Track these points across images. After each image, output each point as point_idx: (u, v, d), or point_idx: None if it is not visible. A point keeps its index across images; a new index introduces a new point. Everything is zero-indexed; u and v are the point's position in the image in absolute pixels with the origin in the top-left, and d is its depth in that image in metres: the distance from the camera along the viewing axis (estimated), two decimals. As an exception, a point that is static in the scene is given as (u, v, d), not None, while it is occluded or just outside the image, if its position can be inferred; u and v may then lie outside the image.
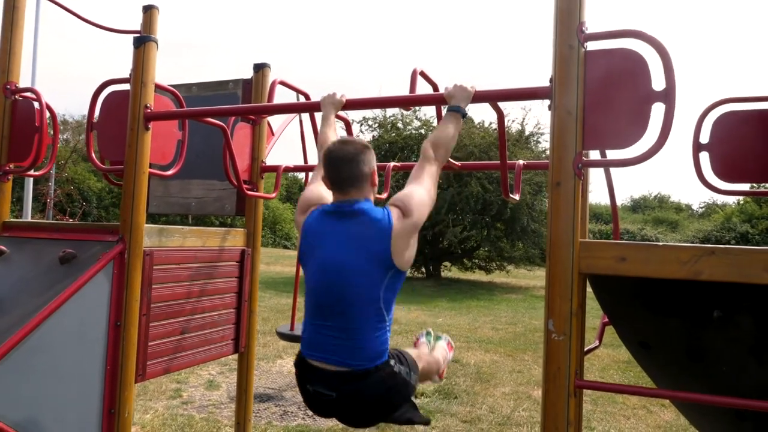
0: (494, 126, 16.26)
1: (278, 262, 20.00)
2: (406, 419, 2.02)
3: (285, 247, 31.52)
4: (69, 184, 20.31)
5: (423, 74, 2.41)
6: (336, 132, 2.34)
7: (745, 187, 2.98)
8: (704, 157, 2.63)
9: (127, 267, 2.55)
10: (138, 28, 3.98)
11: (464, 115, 2.10)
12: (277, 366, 6.21)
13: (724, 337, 2.13)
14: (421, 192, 1.97)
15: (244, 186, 3.16)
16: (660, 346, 2.38)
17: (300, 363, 2.02)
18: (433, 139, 2.08)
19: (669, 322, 2.21)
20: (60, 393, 2.35)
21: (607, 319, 2.74)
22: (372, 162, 2.02)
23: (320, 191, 2.13)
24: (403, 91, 2.33)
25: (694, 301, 2.06)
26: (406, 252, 1.91)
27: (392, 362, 1.96)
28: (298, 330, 5.05)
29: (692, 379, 2.36)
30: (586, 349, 2.05)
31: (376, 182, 2.06)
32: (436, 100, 2.21)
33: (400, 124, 17.12)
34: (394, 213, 1.92)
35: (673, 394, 2.20)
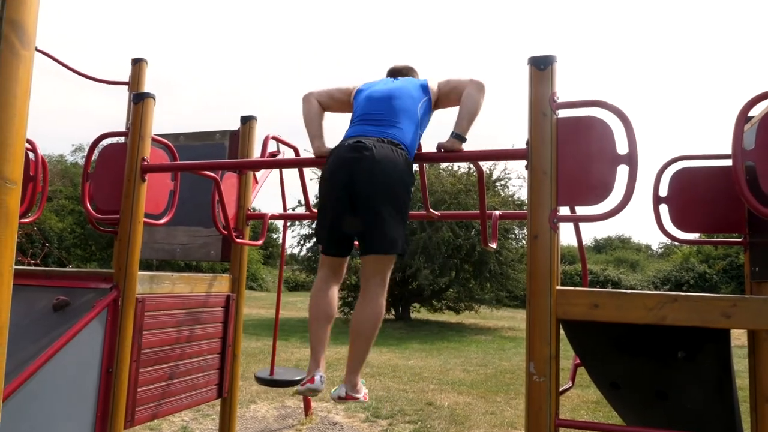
0: (462, 170, 16.67)
1: (246, 304, 19.70)
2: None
3: (251, 288, 31.11)
4: (30, 225, 19.85)
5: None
6: None
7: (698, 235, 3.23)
8: (663, 208, 2.87)
9: (120, 314, 2.62)
10: (126, 79, 4.13)
11: (464, 139, 2.42)
12: (251, 411, 6.15)
13: (688, 377, 2.31)
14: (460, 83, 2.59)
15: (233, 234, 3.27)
16: (630, 386, 2.54)
17: (341, 145, 2.53)
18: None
19: (637, 363, 2.39)
20: (51, 441, 2.37)
21: (578, 361, 2.89)
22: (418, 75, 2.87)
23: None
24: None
25: (660, 343, 2.24)
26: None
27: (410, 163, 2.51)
28: (278, 375, 5.06)
29: (660, 416, 2.52)
30: (560, 389, 2.20)
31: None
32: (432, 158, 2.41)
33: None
34: (431, 87, 2.63)
35: (646, 431, 2.36)
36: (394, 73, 2.86)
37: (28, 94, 1.09)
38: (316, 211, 3.72)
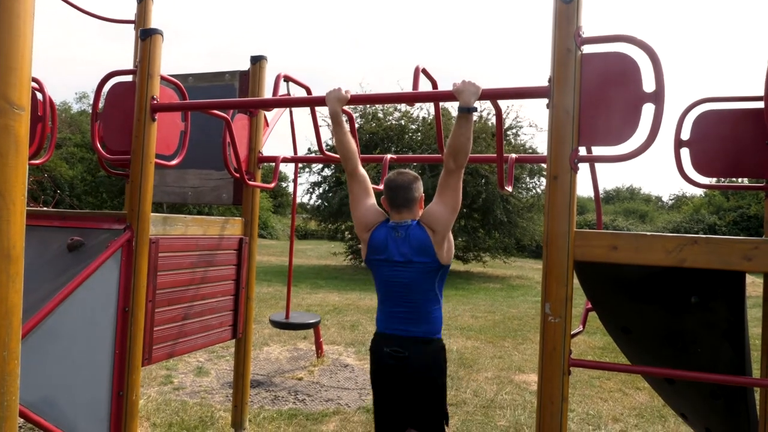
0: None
1: (257, 252, 19.91)
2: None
3: (261, 236, 31.37)
4: (41, 172, 19.87)
5: (424, 71, 2.51)
6: (348, 133, 2.57)
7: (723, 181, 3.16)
8: (684, 152, 2.79)
9: (134, 254, 2.62)
10: (131, 17, 4.01)
11: (475, 110, 2.23)
12: (264, 353, 6.29)
13: (700, 322, 2.30)
14: (441, 209, 2.41)
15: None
16: (641, 331, 2.54)
17: (377, 338, 2.53)
18: (452, 148, 2.31)
19: (650, 308, 2.38)
20: (72, 376, 2.42)
21: (590, 305, 2.89)
22: (420, 189, 2.56)
23: (372, 208, 2.58)
24: (394, 85, 2.46)
25: (673, 288, 2.22)
26: (445, 254, 2.44)
27: (442, 347, 2.52)
28: (293, 318, 5.14)
29: (670, 360, 2.53)
30: (571, 333, 2.20)
31: (423, 204, 2.57)
32: (444, 96, 2.31)
33: (380, 114, 17.18)
34: (426, 230, 2.42)
35: (660, 371, 2.37)
36: (395, 194, 2.52)
37: (32, 14, 1.04)
38: (328, 153, 3.68)
